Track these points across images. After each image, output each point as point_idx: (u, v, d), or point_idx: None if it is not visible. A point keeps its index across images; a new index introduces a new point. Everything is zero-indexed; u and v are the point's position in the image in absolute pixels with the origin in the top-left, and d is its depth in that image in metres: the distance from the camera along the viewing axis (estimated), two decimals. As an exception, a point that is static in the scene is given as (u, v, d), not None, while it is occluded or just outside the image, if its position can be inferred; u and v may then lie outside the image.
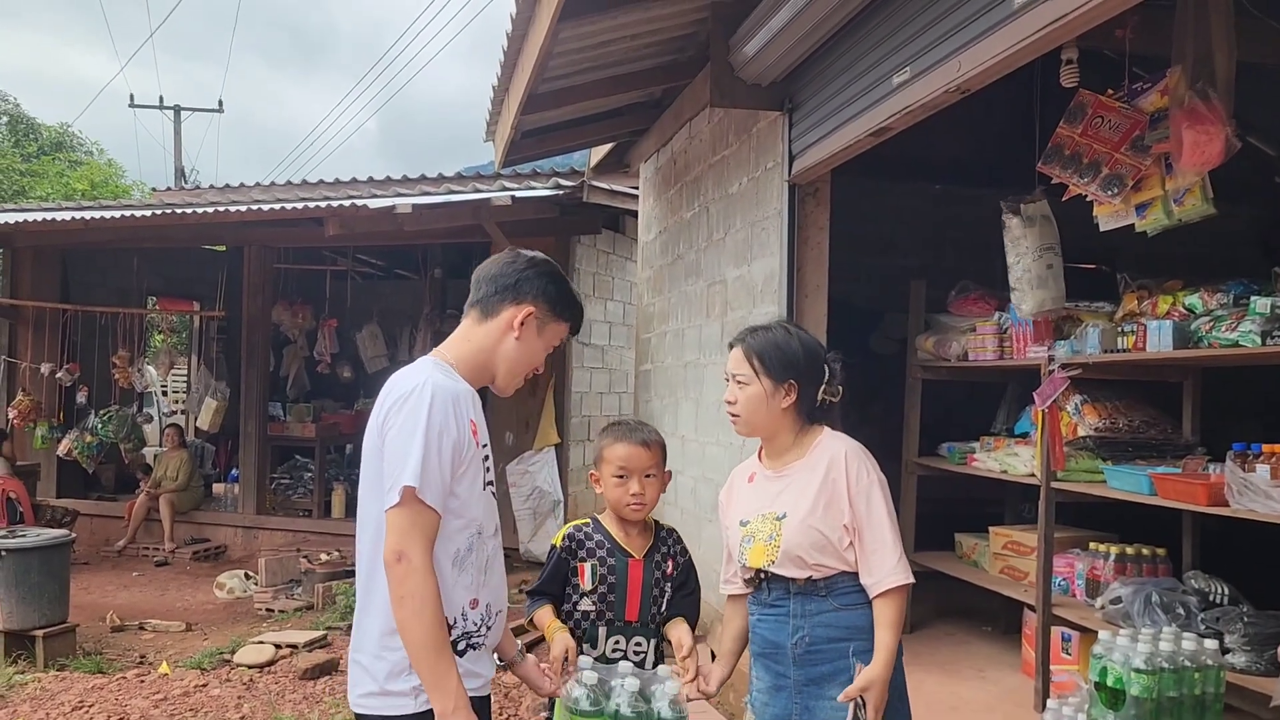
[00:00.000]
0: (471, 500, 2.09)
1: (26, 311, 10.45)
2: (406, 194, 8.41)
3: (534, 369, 2.31)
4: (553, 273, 2.29)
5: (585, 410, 9.37)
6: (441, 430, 2.01)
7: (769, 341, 2.49)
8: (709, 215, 5.91)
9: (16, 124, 20.66)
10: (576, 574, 2.66)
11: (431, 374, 2.08)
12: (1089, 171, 3.62)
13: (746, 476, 2.64)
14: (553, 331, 2.27)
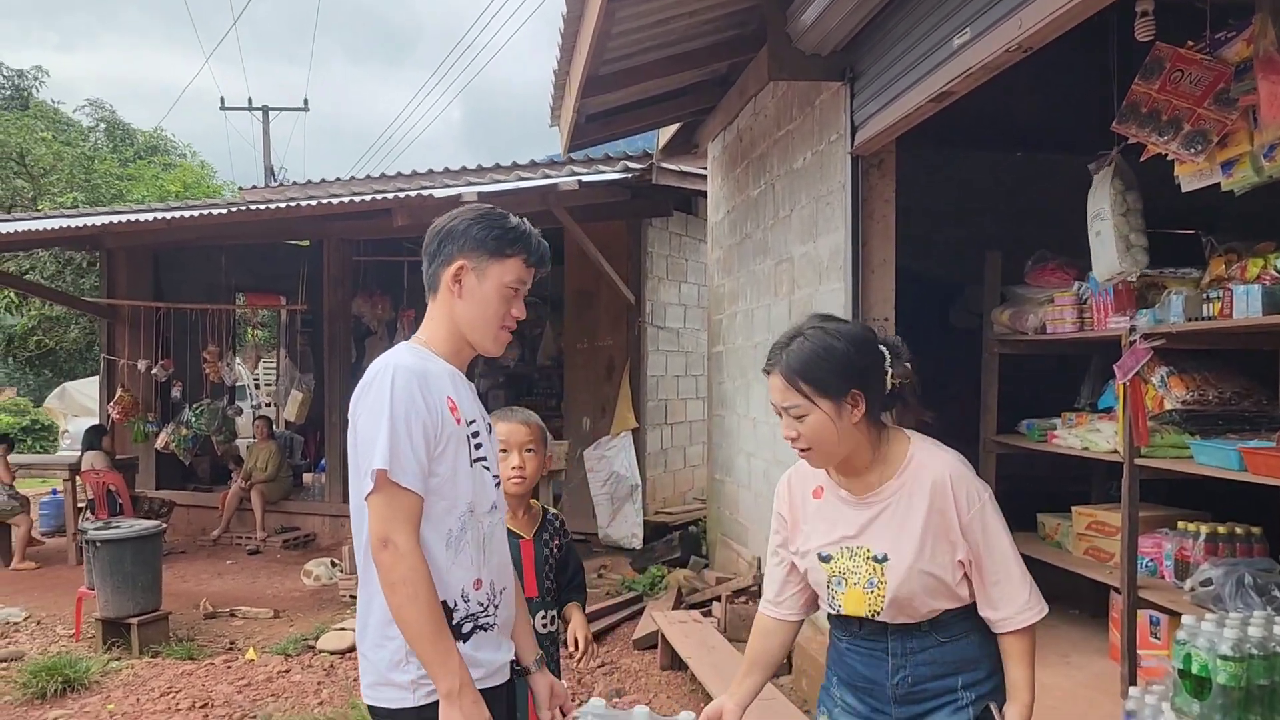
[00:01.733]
0: (456, 479, 2.03)
1: (123, 311, 10.85)
2: (477, 182, 8.45)
3: (509, 318, 2.14)
4: (474, 217, 2.14)
5: (661, 394, 9.33)
6: (408, 410, 1.95)
7: (810, 355, 2.00)
8: (774, 192, 5.80)
9: (113, 130, 21.50)
10: None
11: (398, 357, 2.03)
12: (1169, 129, 3.41)
13: (811, 490, 2.20)
14: (498, 273, 2.09)
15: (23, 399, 26.16)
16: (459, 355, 2.16)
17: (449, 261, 2.10)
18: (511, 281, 2.11)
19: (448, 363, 2.13)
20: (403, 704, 1.97)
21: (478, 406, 2.20)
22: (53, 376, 20.44)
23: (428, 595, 1.91)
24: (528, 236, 2.15)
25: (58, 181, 17.60)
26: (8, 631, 6.69)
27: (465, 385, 2.16)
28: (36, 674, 5.24)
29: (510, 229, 2.13)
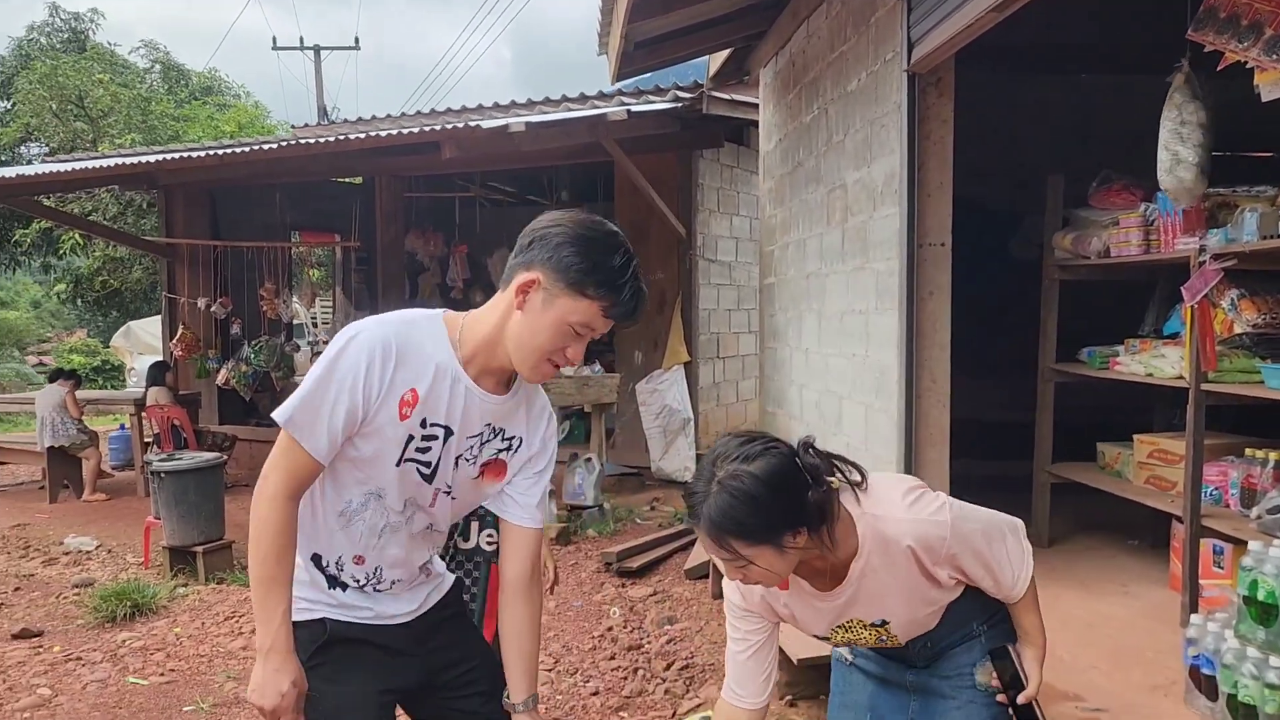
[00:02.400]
0: (376, 464, 1.89)
1: (182, 250, 11.02)
2: (524, 114, 8.36)
3: (560, 355, 1.86)
4: (576, 236, 1.81)
5: (714, 327, 9.27)
6: (341, 376, 1.80)
7: (731, 509, 1.75)
8: (828, 117, 5.64)
9: (168, 71, 21.67)
10: None
11: (382, 325, 1.85)
12: (1249, 35, 3.21)
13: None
14: (567, 308, 1.80)
15: (93, 339, 26.92)
16: (489, 359, 1.91)
17: (527, 267, 1.83)
18: (578, 323, 1.82)
19: (464, 365, 1.90)
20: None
21: (477, 418, 1.94)
22: (119, 316, 20.97)
23: (271, 541, 1.82)
24: (621, 287, 1.81)
25: (116, 124, 17.83)
26: (80, 559, 6.94)
27: (463, 387, 1.90)
28: (107, 599, 5.43)
29: (604, 268, 1.80)
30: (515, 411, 2.02)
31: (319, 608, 1.98)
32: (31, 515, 8.56)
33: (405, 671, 2.07)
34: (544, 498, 2.12)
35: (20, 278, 30.86)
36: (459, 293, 11.38)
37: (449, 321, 1.92)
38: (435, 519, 2.04)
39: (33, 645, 5.02)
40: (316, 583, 1.99)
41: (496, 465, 2.04)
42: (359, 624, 2.00)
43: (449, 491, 2.00)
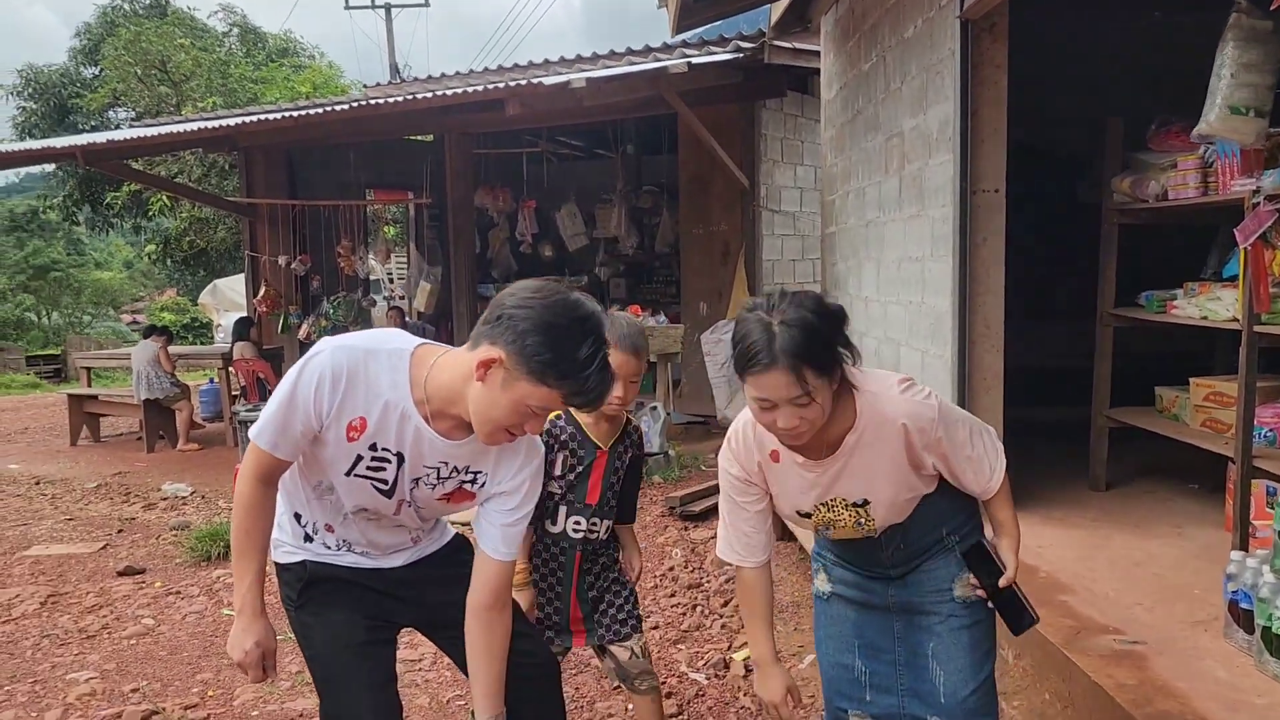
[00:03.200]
0: (331, 468, 2.02)
1: (262, 209, 11.41)
2: (589, 69, 8.45)
3: (511, 428, 1.89)
4: (543, 324, 1.79)
5: (777, 277, 9.32)
6: (301, 395, 1.90)
7: (804, 339, 1.82)
8: (885, 64, 5.64)
9: (245, 34, 22.12)
10: (551, 465, 2.64)
11: (340, 350, 1.92)
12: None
13: (767, 453, 2.13)
14: (526, 392, 1.81)
15: (182, 298, 27.94)
16: (446, 409, 1.95)
17: (492, 342, 1.82)
18: (536, 406, 1.84)
19: (419, 404, 1.94)
20: (276, 559, 2.21)
21: (430, 455, 2.00)
22: (205, 275, 21.72)
23: (240, 521, 2.02)
24: (585, 378, 1.81)
25: (198, 87, 18.33)
26: (177, 504, 7.37)
27: (416, 429, 1.95)
28: (202, 540, 5.79)
29: (569, 359, 1.80)
30: (478, 453, 2.04)
31: (300, 552, 2.20)
32: (131, 464, 9.08)
33: (394, 609, 2.23)
34: (519, 535, 2.12)
35: (113, 239, 32.06)
36: (527, 247, 11.60)
37: (419, 358, 1.96)
38: (403, 521, 2.17)
39: (136, 581, 5.40)
40: (297, 534, 2.20)
41: (461, 493, 2.09)
42: (341, 566, 2.20)
43: (411, 504, 2.09)
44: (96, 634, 4.60)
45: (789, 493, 2.16)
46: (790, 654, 3.88)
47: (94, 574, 5.57)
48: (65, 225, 25.18)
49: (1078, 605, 3.46)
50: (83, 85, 20.66)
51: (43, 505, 7.47)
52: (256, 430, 1.97)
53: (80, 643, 4.49)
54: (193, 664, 4.19)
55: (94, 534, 6.52)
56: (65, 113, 20.47)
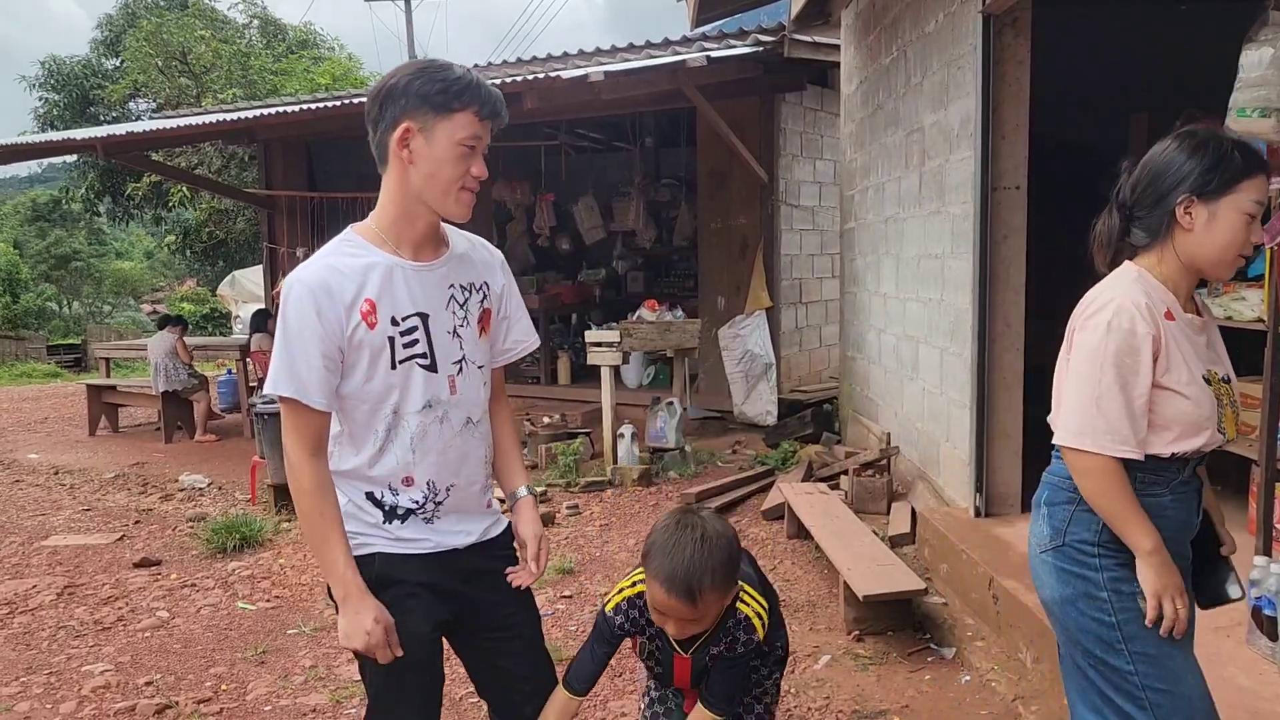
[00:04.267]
0: (373, 384, 1.98)
1: (280, 201, 11.45)
2: (608, 63, 8.41)
3: (469, 179, 1.96)
4: (413, 72, 1.93)
5: (796, 273, 9.27)
6: (301, 330, 1.90)
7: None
8: (906, 59, 5.59)
9: (266, 26, 22.22)
10: (629, 639, 2.41)
11: (301, 271, 1.94)
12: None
13: (1163, 312, 2.00)
14: (448, 131, 1.91)
15: (202, 289, 28.08)
16: (411, 229, 2.01)
17: (393, 125, 1.92)
18: (465, 138, 1.91)
19: (387, 249, 1.99)
20: None
21: (436, 289, 2.04)
22: (224, 266, 21.83)
23: (311, 506, 1.94)
24: (476, 86, 1.92)
25: (218, 79, 18.42)
26: (194, 496, 7.40)
27: (408, 273, 2.00)
28: (218, 532, 5.80)
29: (455, 80, 1.91)
30: (464, 265, 2.11)
31: (375, 541, 2.04)
32: (149, 455, 9.12)
33: (455, 611, 2.14)
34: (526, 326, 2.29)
35: (134, 229, 32.29)
36: (545, 240, 11.57)
37: (360, 229, 2.03)
38: (467, 407, 2.09)
39: (152, 573, 5.42)
40: (372, 518, 2.04)
41: (486, 316, 2.14)
42: (417, 555, 2.06)
43: (461, 365, 2.06)
44: (112, 626, 4.62)
45: (1191, 355, 2.00)
46: (805, 654, 3.85)
47: (110, 565, 5.59)
48: (87, 216, 25.37)
49: (1097, 609, 3.41)
50: (104, 77, 20.81)
51: (61, 495, 7.52)
52: (288, 390, 1.90)
53: (96, 635, 4.51)
54: (207, 657, 4.20)
55: (111, 525, 6.54)
56: (87, 104, 20.62)
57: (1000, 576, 3.77)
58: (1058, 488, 2.09)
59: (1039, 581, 2.13)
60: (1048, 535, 2.08)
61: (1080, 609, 2.02)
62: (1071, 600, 2.03)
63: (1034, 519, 2.16)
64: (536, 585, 2.27)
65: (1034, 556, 2.14)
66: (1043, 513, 2.12)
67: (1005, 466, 4.52)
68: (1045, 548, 2.09)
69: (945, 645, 3.83)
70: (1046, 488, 2.13)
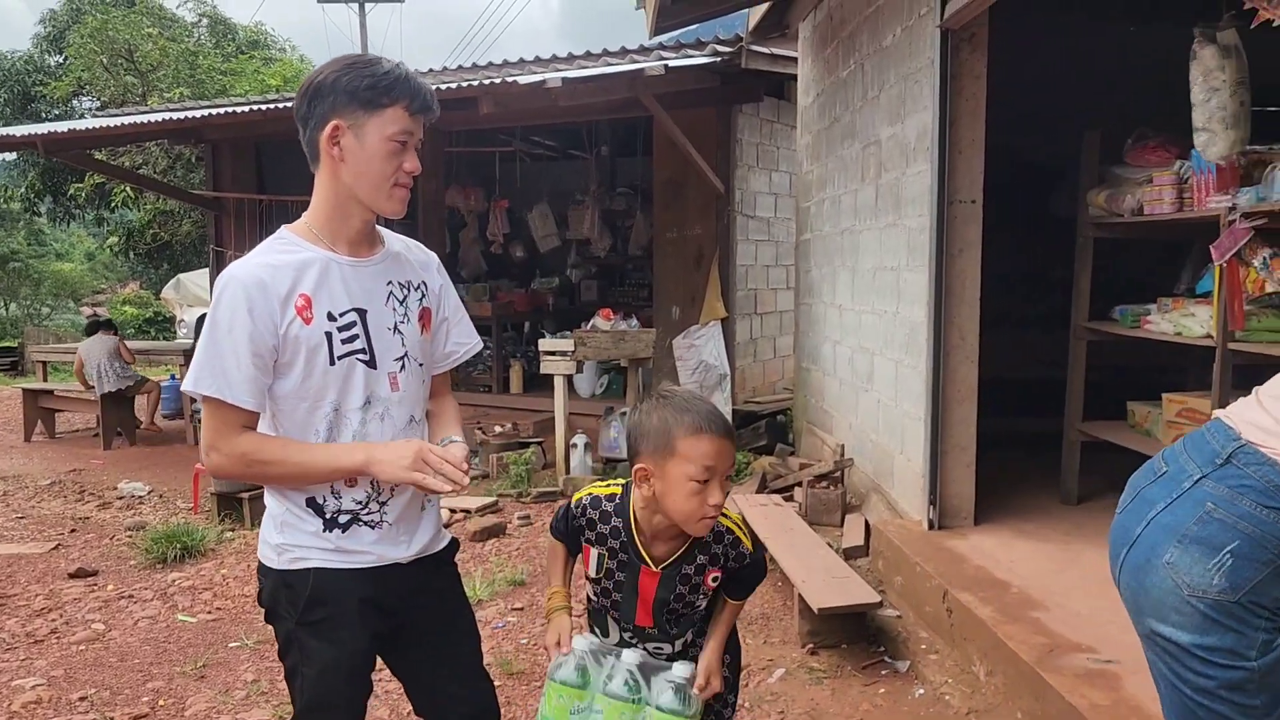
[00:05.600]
0: (311, 381, 1.94)
1: (228, 203, 11.21)
2: (564, 69, 8.36)
3: (401, 174, 1.94)
4: (341, 68, 1.92)
5: (751, 283, 9.27)
6: (232, 328, 1.86)
7: None
8: (863, 72, 5.61)
9: (215, 25, 21.84)
10: (582, 551, 2.15)
11: (235, 268, 1.92)
12: (1282, -10, 3.18)
13: None
14: (378, 126, 1.89)
15: (145, 292, 27.49)
16: (346, 227, 1.99)
17: (322, 123, 1.90)
18: (395, 134, 1.90)
19: (322, 245, 1.97)
20: (270, 564, 2.02)
21: (373, 285, 2.01)
22: (169, 269, 21.38)
23: (278, 450, 1.92)
24: (405, 80, 1.91)
25: (165, 78, 18.05)
26: (133, 504, 7.20)
27: (344, 269, 1.98)
28: (158, 541, 5.64)
29: (383, 75, 1.90)
30: (401, 264, 2.09)
31: (313, 555, 1.98)
32: (87, 461, 8.87)
33: (390, 623, 2.08)
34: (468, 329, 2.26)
35: (75, 230, 31.52)
36: (498, 247, 11.48)
37: (294, 228, 2.00)
38: (410, 405, 2.06)
39: (88, 584, 5.25)
40: (311, 527, 1.99)
41: (426, 314, 2.11)
42: (357, 570, 2.00)
43: (403, 361, 2.04)
44: (45, 639, 4.46)
45: None
46: (760, 668, 3.81)
47: (44, 575, 5.41)
48: (26, 215, 24.70)
49: (1050, 622, 3.42)
50: (47, 73, 20.29)
51: (-6, 502, 7.28)
52: (212, 390, 1.85)
53: (28, 647, 4.35)
54: (144, 671, 4.06)
55: (46, 533, 6.34)
56: (29, 100, 20.11)
57: (954, 589, 3.77)
58: (1260, 545, 1.84)
59: (1167, 619, 1.90)
60: (1219, 585, 1.85)
61: (1219, 659, 1.83)
62: (1212, 649, 1.84)
63: (1191, 555, 1.88)
64: (486, 598, 2.19)
65: (1171, 591, 1.89)
66: (1222, 561, 1.86)
67: (959, 479, 4.53)
68: (1206, 596, 1.86)
69: (899, 658, 3.82)
70: (1239, 537, 1.85)
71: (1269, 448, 1.82)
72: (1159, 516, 1.96)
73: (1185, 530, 1.90)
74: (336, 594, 1.98)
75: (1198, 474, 1.94)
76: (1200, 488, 1.93)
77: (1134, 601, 1.99)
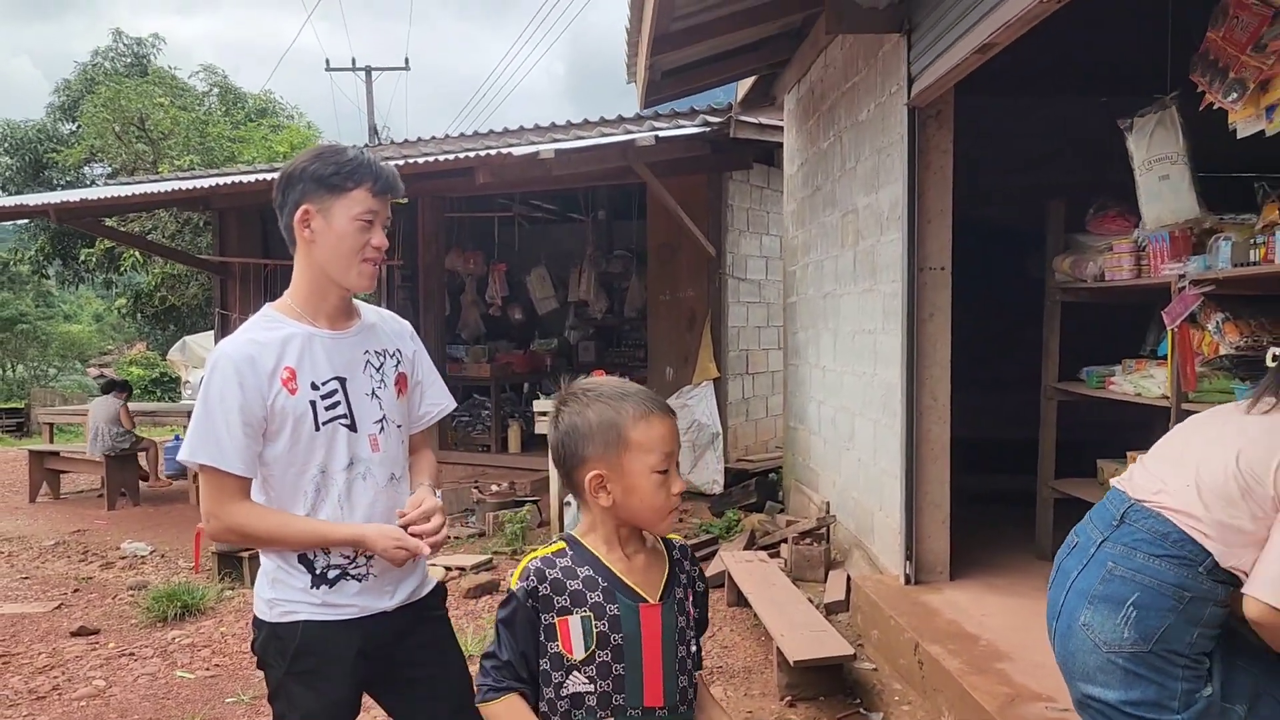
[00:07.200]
0: (298, 447, 2.10)
1: (234, 267, 11.49)
2: (561, 139, 8.66)
3: (369, 250, 2.10)
4: (308, 159, 2.10)
5: (743, 344, 9.48)
6: (223, 401, 2.03)
7: None
8: (842, 144, 5.87)
9: (225, 94, 22.43)
10: (555, 637, 1.68)
11: (225, 345, 2.09)
12: (1219, 76, 3.41)
13: None
14: (344, 208, 2.07)
15: (152, 353, 27.74)
16: (324, 303, 2.15)
17: (294, 208, 2.08)
18: (360, 214, 2.07)
19: (304, 321, 2.13)
20: (263, 616, 2.18)
21: (352, 354, 2.17)
22: (176, 331, 21.65)
23: (274, 526, 2.07)
24: (367, 165, 2.09)
25: (175, 145, 18.51)
26: (136, 564, 7.33)
27: (325, 341, 2.13)
28: (159, 600, 5.77)
29: (346, 161, 2.07)
30: (376, 333, 2.26)
31: (301, 609, 2.13)
32: (90, 522, 9.01)
33: (377, 668, 2.22)
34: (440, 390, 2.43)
35: (83, 292, 31.90)
36: (497, 310, 11.72)
37: (277, 306, 2.17)
38: (390, 464, 2.21)
39: (90, 642, 5.37)
40: (300, 583, 2.12)
41: (402, 380, 2.28)
42: (343, 621, 2.13)
43: (382, 424, 2.19)
44: (46, 695, 4.58)
45: None
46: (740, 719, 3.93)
47: (47, 634, 5.54)
48: (35, 278, 25.09)
49: (1014, 673, 3.55)
50: (59, 141, 20.80)
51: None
52: (206, 458, 2.01)
53: (30, 704, 4.47)
54: (143, 726, 4.18)
55: (49, 593, 6.47)
56: (40, 167, 20.59)
57: (925, 642, 3.90)
58: (1158, 594, 1.98)
59: (1094, 679, 2.06)
60: (1130, 638, 2.00)
61: (1145, 713, 1.99)
62: (1136, 704, 2.00)
63: (1101, 613, 2.05)
64: (478, 653, 2.30)
65: (1091, 652, 2.06)
66: (1128, 614, 2.01)
67: (934, 535, 4.68)
68: (1122, 651, 2.01)
69: (874, 710, 3.94)
70: (1138, 589, 2.01)
71: (1153, 502, 2.02)
72: (1074, 584, 2.15)
73: (1093, 591, 2.08)
74: (323, 645, 2.13)
75: (1100, 538, 2.14)
76: (1103, 550, 2.12)
77: (1065, 668, 2.16)
